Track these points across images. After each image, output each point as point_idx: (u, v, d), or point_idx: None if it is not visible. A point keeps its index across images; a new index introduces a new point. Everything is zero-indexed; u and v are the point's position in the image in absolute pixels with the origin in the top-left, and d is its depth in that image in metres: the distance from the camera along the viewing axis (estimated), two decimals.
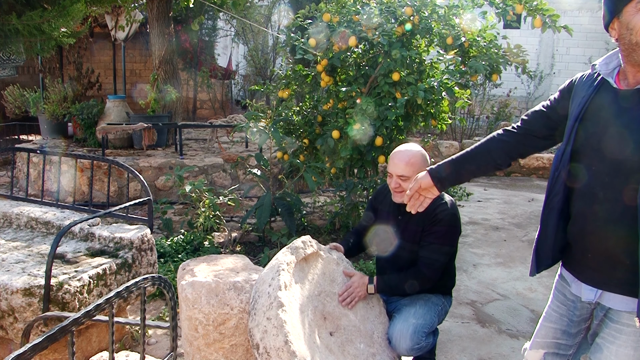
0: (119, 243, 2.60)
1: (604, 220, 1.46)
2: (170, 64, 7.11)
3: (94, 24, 8.85)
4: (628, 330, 1.49)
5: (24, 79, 9.29)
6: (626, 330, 1.50)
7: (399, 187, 2.26)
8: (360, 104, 3.78)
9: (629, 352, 1.50)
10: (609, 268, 1.49)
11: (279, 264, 1.96)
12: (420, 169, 2.16)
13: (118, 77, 9.36)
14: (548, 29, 3.61)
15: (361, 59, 4.21)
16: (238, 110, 11.24)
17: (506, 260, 4.21)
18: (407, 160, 2.23)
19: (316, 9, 4.22)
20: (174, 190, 5.68)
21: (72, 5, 3.91)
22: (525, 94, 11.27)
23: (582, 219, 1.53)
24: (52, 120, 7.25)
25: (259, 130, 3.83)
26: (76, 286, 2.20)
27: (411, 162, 2.22)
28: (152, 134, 6.22)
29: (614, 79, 1.48)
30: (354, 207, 4.22)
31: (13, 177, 4.61)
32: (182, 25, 9.59)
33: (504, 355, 2.78)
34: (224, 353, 1.99)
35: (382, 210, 2.46)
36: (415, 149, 2.29)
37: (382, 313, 2.33)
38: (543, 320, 1.78)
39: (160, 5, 6.90)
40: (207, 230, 4.23)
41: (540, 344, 1.78)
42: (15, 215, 2.94)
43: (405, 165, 2.22)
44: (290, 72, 4.57)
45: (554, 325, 1.73)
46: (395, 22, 3.92)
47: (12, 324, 2.13)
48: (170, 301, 1.78)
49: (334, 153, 4.08)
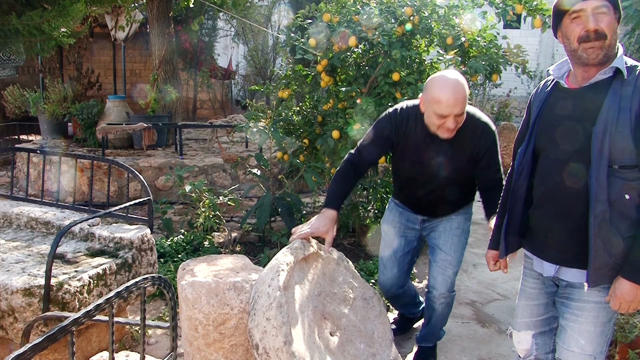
0: (119, 243, 2.60)
1: (562, 202, 1.68)
2: (170, 64, 7.11)
3: (94, 24, 8.84)
4: (588, 306, 1.70)
5: (24, 79, 9.28)
6: (586, 307, 1.70)
7: (455, 127, 2.15)
8: (360, 104, 3.78)
9: (589, 329, 1.70)
10: (567, 245, 1.70)
11: (278, 264, 1.96)
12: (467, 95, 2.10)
13: (118, 77, 9.36)
14: (548, 29, 3.61)
15: (361, 59, 4.21)
16: (238, 110, 11.23)
17: None
18: (462, 96, 2.08)
19: (316, 9, 4.22)
20: (174, 190, 5.68)
21: (72, 5, 3.91)
22: (525, 94, 11.27)
23: (543, 202, 1.74)
24: (52, 120, 7.24)
25: (259, 130, 3.83)
26: (76, 286, 2.19)
27: (463, 96, 2.09)
28: (152, 134, 6.21)
29: (564, 80, 1.72)
30: (354, 207, 4.22)
31: (13, 177, 4.61)
32: (182, 25, 9.59)
33: (504, 355, 2.78)
34: (224, 353, 1.99)
35: (408, 144, 2.31)
36: (457, 77, 2.11)
37: (382, 313, 2.33)
38: (522, 300, 1.93)
39: (160, 5, 6.90)
40: (207, 230, 4.23)
41: (527, 324, 1.91)
42: (15, 215, 2.94)
43: (463, 102, 2.10)
44: (290, 72, 4.56)
45: (535, 301, 1.88)
46: (395, 22, 3.92)
47: (12, 324, 2.13)
48: (170, 301, 1.78)
49: (334, 153, 4.07)
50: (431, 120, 2.17)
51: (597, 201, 1.57)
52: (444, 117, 2.11)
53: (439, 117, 2.12)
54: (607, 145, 1.55)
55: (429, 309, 2.58)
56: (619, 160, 1.55)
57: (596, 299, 1.68)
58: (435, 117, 2.13)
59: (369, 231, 4.16)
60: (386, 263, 2.61)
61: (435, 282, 2.50)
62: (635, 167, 1.55)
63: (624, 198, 1.57)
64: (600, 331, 1.69)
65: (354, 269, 2.41)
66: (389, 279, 2.62)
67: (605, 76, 1.61)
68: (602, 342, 1.71)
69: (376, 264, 3.69)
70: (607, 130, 1.55)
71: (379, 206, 4.30)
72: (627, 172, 1.56)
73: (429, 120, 2.19)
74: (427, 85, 2.16)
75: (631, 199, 1.57)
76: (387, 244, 2.61)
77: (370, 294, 2.36)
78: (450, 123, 2.12)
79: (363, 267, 3.69)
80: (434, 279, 2.51)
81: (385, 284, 2.65)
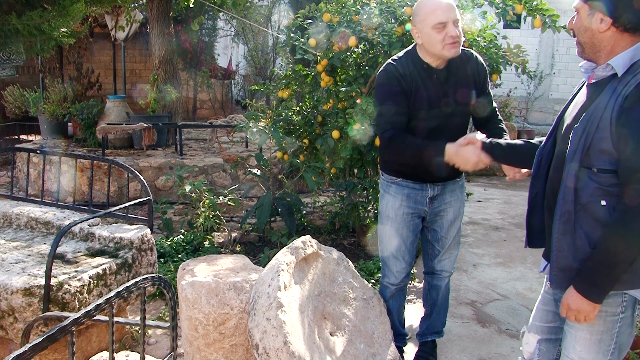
0: (119, 243, 2.60)
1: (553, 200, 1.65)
2: (170, 64, 7.11)
3: (94, 24, 8.83)
4: None
5: (24, 79, 9.28)
6: None
7: (458, 35, 2.08)
8: (360, 104, 3.77)
9: (585, 336, 1.64)
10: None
11: (278, 264, 1.96)
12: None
13: (118, 77, 9.35)
14: (548, 29, 3.61)
15: (361, 59, 4.21)
16: (238, 110, 11.22)
17: (506, 260, 4.21)
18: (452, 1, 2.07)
19: (316, 9, 4.22)
20: (174, 190, 5.68)
21: (72, 5, 3.91)
22: (525, 94, 11.27)
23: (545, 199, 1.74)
24: (52, 120, 7.24)
25: (259, 130, 3.83)
26: (76, 286, 2.19)
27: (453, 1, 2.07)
28: (152, 134, 6.21)
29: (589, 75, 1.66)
30: (354, 207, 4.22)
31: (13, 177, 4.61)
32: (182, 25, 9.58)
33: (504, 355, 2.78)
34: (224, 353, 1.99)
35: (418, 89, 2.20)
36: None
37: (382, 313, 2.33)
38: (539, 302, 1.90)
39: (160, 5, 6.90)
40: (207, 230, 4.23)
41: (536, 328, 1.88)
42: (15, 215, 2.94)
43: (454, 7, 2.06)
44: (290, 72, 4.56)
45: (546, 307, 1.85)
46: (395, 22, 3.92)
47: (12, 324, 2.13)
48: (170, 301, 1.77)
49: (334, 153, 4.07)
50: (432, 40, 2.10)
51: (563, 200, 1.56)
52: (444, 26, 2.06)
53: (439, 29, 2.06)
54: (581, 145, 1.52)
55: (432, 294, 2.58)
56: (598, 163, 1.50)
57: None
58: (435, 32, 2.07)
59: (369, 231, 4.15)
60: (396, 254, 2.45)
61: (444, 265, 2.52)
62: (613, 172, 1.48)
63: (598, 203, 1.51)
64: (598, 340, 1.62)
65: (354, 269, 2.42)
66: (400, 271, 2.47)
67: (603, 73, 1.57)
68: (602, 351, 1.63)
69: (376, 264, 3.68)
70: (586, 130, 1.51)
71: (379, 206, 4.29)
72: (604, 176, 1.49)
73: (430, 44, 2.12)
74: (415, 9, 2.16)
75: (607, 206, 1.50)
76: (395, 233, 2.43)
77: (370, 294, 2.36)
78: (452, 30, 2.06)
79: (363, 267, 3.69)
80: (441, 262, 2.51)
81: (395, 276, 2.49)
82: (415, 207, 2.40)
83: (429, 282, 2.62)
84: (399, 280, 2.50)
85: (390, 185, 2.43)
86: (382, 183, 2.50)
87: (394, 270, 2.48)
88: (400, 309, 2.63)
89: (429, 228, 2.50)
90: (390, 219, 2.43)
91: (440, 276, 2.56)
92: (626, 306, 1.60)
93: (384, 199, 2.47)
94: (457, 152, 2.00)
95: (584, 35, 1.58)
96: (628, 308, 1.60)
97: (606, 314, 1.60)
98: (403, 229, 2.42)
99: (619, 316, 1.60)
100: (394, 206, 2.41)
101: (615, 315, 1.59)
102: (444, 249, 2.50)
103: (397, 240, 2.43)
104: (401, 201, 2.39)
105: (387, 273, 2.53)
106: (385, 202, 2.46)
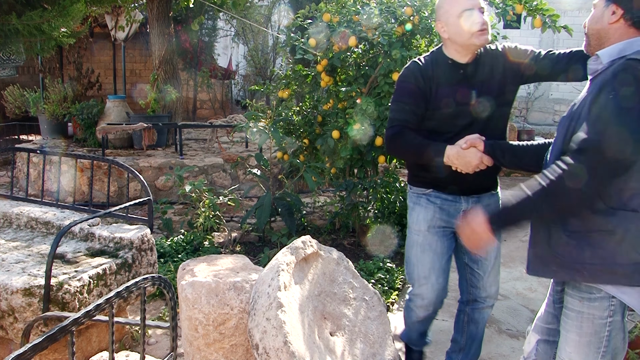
0: (119, 243, 2.60)
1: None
2: (170, 64, 7.11)
3: (94, 24, 8.84)
4: (572, 315, 1.64)
5: (24, 79, 9.28)
6: (570, 315, 1.66)
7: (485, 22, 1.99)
8: (360, 104, 3.78)
9: (574, 338, 1.63)
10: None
11: (278, 264, 1.96)
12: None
13: (118, 77, 9.36)
14: (548, 29, 3.61)
15: (361, 59, 4.21)
16: (238, 110, 11.23)
17: (506, 260, 4.21)
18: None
19: (316, 9, 4.22)
20: (174, 190, 5.68)
21: (72, 5, 3.91)
22: (525, 94, 11.27)
23: None
24: (52, 120, 7.24)
25: (259, 130, 3.83)
26: (76, 286, 2.19)
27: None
28: (152, 134, 6.21)
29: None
30: (354, 207, 4.22)
31: (13, 177, 4.61)
32: (182, 25, 9.59)
33: (504, 355, 2.78)
34: (224, 353, 1.99)
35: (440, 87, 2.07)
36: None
37: (382, 313, 2.33)
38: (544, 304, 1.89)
39: (160, 5, 6.90)
40: (207, 230, 4.23)
41: (537, 328, 1.88)
42: (15, 215, 2.94)
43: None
44: (290, 72, 4.57)
45: (547, 308, 1.84)
46: (395, 22, 3.92)
47: (12, 324, 2.13)
48: (170, 301, 1.78)
49: (334, 153, 4.07)
50: (460, 29, 1.99)
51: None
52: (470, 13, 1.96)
53: (466, 17, 1.96)
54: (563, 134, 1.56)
55: (471, 328, 2.34)
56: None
57: (578, 308, 1.61)
58: (462, 21, 1.96)
59: (369, 231, 4.16)
60: (430, 272, 2.19)
61: (491, 291, 2.27)
62: None
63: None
64: (587, 342, 1.60)
65: (354, 269, 2.41)
66: (435, 291, 2.20)
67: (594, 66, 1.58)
68: (591, 353, 1.61)
69: (376, 264, 3.68)
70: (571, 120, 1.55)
71: (379, 206, 4.29)
72: None
73: (457, 34, 2.00)
74: (439, 3, 2.07)
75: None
76: (429, 249, 2.18)
77: (370, 294, 2.36)
78: (479, 16, 1.97)
79: (363, 267, 3.69)
80: (485, 289, 2.27)
81: (430, 298, 2.22)
82: (448, 221, 2.17)
83: (468, 315, 2.34)
84: (431, 303, 2.24)
85: (420, 197, 2.21)
86: (410, 196, 2.27)
87: (423, 292, 2.22)
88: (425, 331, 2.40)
89: (465, 249, 2.18)
90: (422, 233, 2.19)
91: (484, 305, 2.30)
92: (614, 311, 1.58)
93: (414, 211, 2.23)
94: (457, 154, 1.94)
95: (593, 26, 1.60)
96: (616, 313, 1.58)
97: (593, 317, 1.58)
98: (437, 243, 2.18)
99: (607, 320, 1.58)
100: (426, 217, 2.18)
101: (602, 319, 1.58)
102: (486, 272, 2.24)
103: (431, 257, 2.19)
104: (434, 212, 2.17)
105: (416, 295, 2.26)
106: (416, 215, 2.22)
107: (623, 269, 1.48)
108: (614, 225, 1.48)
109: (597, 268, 1.51)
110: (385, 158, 4.11)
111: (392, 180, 4.31)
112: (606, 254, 1.49)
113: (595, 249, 1.51)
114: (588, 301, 1.58)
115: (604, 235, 1.50)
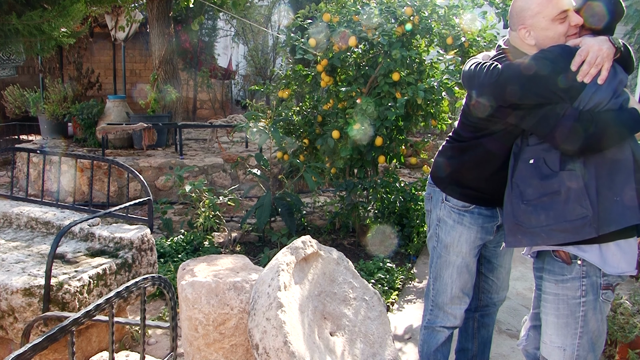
0: (119, 243, 2.60)
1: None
2: (170, 64, 7.11)
3: (94, 24, 8.84)
4: (549, 298, 1.74)
5: (24, 79, 9.29)
6: (548, 298, 1.75)
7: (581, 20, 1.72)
8: (360, 104, 3.78)
9: (553, 320, 1.74)
10: None
11: (278, 264, 1.96)
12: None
13: (118, 77, 9.36)
14: None
15: (361, 59, 4.21)
16: (238, 110, 11.23)
17: None
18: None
19: (316, 9, 4.22)
20: (174, 190, 5.68)
21: (72, 5, 3.91)
22: None
23: None
24: (52, 120, 7.24)
25: (259, 130, 3.83)
26: (76, 286, 2.20)
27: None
28: (152, 134, 6.21)
29: None
30: (354, 207, 4.22)
31: (13, 177, 4.61)
32: (182, 25, 9.59)
33: (504, 355, 2.78)
34: (224, 353, 1.99)
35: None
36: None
37: (382, 313, 2.33)
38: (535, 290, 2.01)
39: (160, 5, 6.90)
40: (207, 230, 4.24)
41: (530, 315, 2.00)
42: (15, 215, 2.94)
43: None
44: (290, 72, 4.57)
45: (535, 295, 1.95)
46: (395, 22, 3.92)
47: (12, 324, 2.13)
48: (170, 301, 1.78)
49: (334, 153, 4.08)
50: (554, 34, 1.72)
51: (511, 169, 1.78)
52: (565, 14, 1.70)
53: (562, 20, 1.70)
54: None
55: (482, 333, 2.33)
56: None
57: (554, 290, 1.72)
58: (558, 24, 1.70)
59: (369, 231, 4.16)
60: (462, 293, 2.11)
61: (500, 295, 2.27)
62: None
63: (527, 162, 1.69)
64: (564, 323, 1.70)
65: (354, 269, 2.41)
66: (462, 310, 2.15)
67: None
68: (569, 334, 1.70)
69: (376, 264, 3.68)
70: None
71: (379, 206, 4.30)
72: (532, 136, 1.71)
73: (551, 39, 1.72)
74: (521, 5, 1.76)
75: (535, 164, 1.67)
76: (466, 270, 2.08)
77: (370, 294, 2.36)
78: (576, 18, 1.70)
79: (363, 267, 3.69)
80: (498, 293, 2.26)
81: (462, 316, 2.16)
82: (485, 238, 2.08)
83: (478, 320, 2.32)
84: (459, 322, 2.16)
85: (463, 215, 2.04)
86: (449, 211, 2.07)
87: (456, 312, 2.13)
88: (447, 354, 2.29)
89: (484, 259, 2.19)
90: (462, 255, 2.06)
91: (494, 309, 2.30)
92: (586, 290, 1.66)
93: (455, 230, 2.05)
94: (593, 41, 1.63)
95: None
96: (589, 293, 1.66)
97: (567, 297, 1.69)
98: (473, 263, 2.09)
99: (580, 300, 1.67)
100: (468, 239, 2.04)
101: (576, 299, 1.67)
102: (499, 279, 2.24)
103: (467, 277, 2.09)
104: (477, 233, 2.04)
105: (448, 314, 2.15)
106: (457, 235, 2.05)
107: (572, 224, 1.60)
108: (558, 185, 1.62)
109: (552, 228, 1.63)
110: (385, 158, 4.11)
111: (392, 180, 4.31)
112: (557, 213, 1.62)
113: (547, 210, 1.64)
114: (562, 282, 1.69)
115: (553, 197, 1.63)
